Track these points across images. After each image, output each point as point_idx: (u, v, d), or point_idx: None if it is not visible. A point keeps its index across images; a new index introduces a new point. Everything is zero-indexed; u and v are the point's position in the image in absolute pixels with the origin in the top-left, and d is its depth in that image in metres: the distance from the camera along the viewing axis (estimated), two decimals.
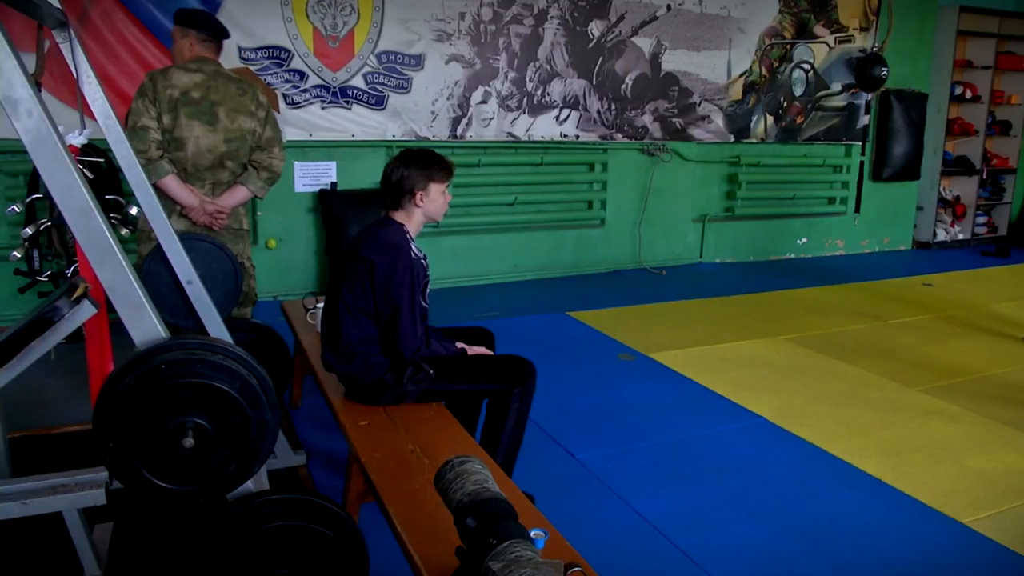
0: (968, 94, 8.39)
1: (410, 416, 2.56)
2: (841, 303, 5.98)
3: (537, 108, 6.15)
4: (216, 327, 2.65)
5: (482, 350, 2.84)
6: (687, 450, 3.39)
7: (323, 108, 5.44)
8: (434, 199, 2.68)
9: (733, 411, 3.82)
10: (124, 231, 2.89)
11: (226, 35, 3.58)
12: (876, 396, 4.08)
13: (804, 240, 7.75)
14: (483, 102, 5.94)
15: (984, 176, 8.77)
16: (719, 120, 6.94)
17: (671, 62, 6.61)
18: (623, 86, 6.46)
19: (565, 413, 3.71)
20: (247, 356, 1.65)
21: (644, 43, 6.47)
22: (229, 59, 5.05)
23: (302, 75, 5.34)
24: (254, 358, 1.67)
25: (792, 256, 7.70)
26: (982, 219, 9.00)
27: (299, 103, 5.36)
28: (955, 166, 8.57)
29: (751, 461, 3.30)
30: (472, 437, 2.62)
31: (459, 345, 2.77)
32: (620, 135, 6.53)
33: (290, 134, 5.33)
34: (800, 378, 4.30)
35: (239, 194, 3.47)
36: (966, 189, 8.75)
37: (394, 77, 5.61)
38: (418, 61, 5.66)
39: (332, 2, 5.34)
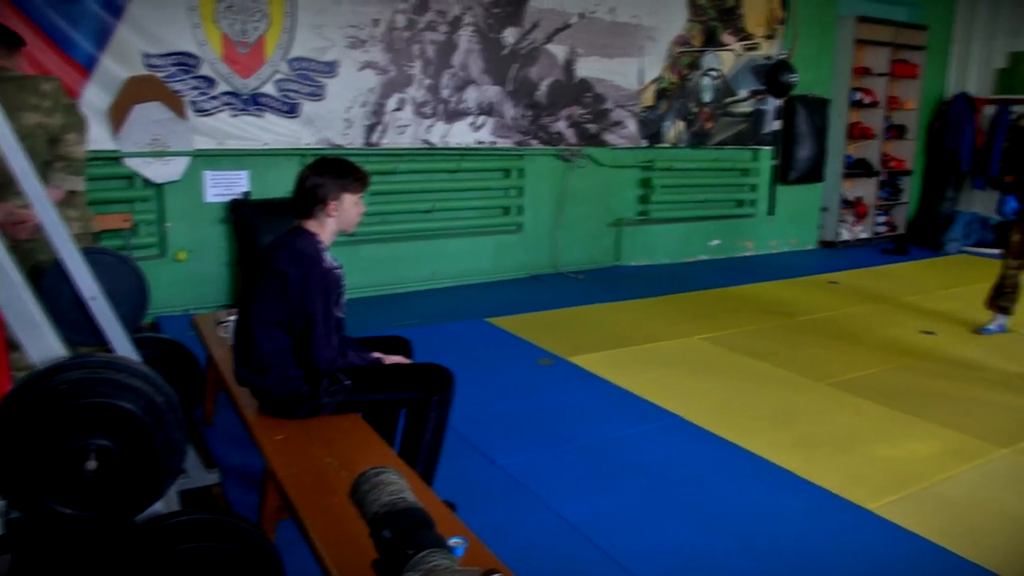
0: (867, 100, 8.77)
1: (327, 429, 2.52)
2: (752, 302, 6.16)
3: (453, 115, 6.15)
4: (122, 344, 2.55)
5: (399, 359, 2.82)
6: (607, 451, 3.43)
7: (234, 116, 5.31)
8: (347, 209, 2.65)
9: (651, 411, 3.88)
10: None
11: (16, 42, 3.28)
12: (787, 391, 4.22)
13: (716, 242, 7.96)
14: (398, 109, 5.90)
15: (883, 178, 9.18)
16: (632, 126, 7.07)
17: (584, 69, 6.70)
18: (538, 92, 6.51)
19: (486, 419, 3.71)
20: (153, 373, 1.60)
21: (558, 50, 6.54)
22: (133, 65, 4.90)
23: (211, 82, 5.20)
24: (161, 375, 1.62)
25: (705, 257, 7.89)
26: (882, 218, 9.42)
27: (208, 110, 5.22)
28: (856, 168, 8.94)
29: (669, 459, 3.37)
30: (391, 447, 2.60)
31: (376, 355, 2.75)
32: (536, 141, 6.58)
33: (199, 142, 5.19)
34: (715, 376, 4.41)
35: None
36: (867, 190, 9.15)
37: (307, 84, 5.52)
38: (331, 68, 5.59)
39: (242, 8, 5.22)
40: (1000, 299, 5.42)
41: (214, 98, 5.23)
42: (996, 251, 8.66)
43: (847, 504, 3.02)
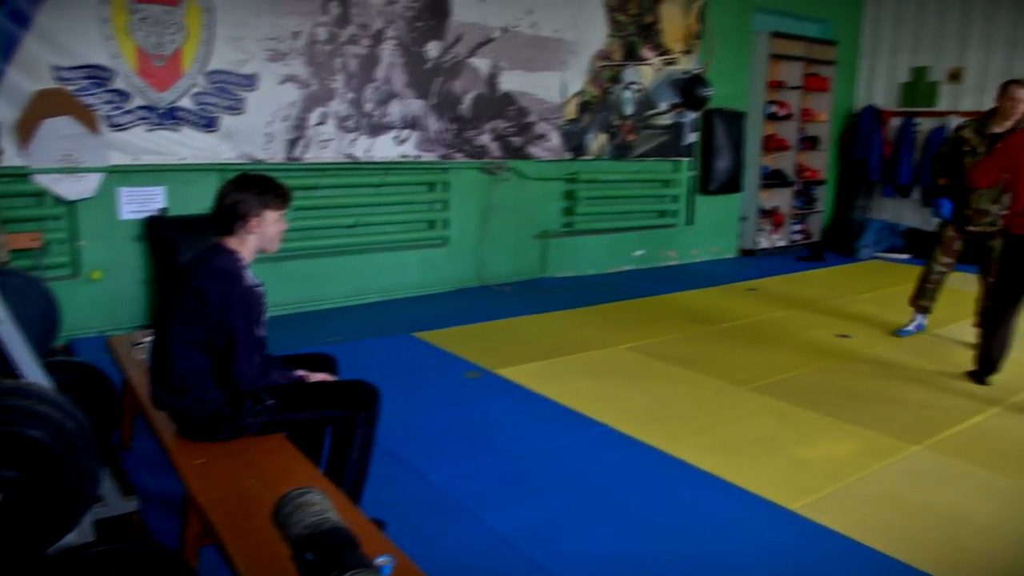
0: (781, 112, 9.07)
1: (250, 450, 2.47)
2: (676, 310, 6.28)
3: (376, 129, 6.11)
4: (31, 370, 2.46)
5: (324, 376, 2.78)
6: (536, 463, 3.45)
7: (149, 130, 5.17)
8: (269, 226, 2.61)
9: (579, 421, 3.92)
10: None
11: None
12: (710, 397, 4.32)
13: (640, 252, 8.10)
14: (321, 123, 5.84)
15: (798, 187, 9.49)
16: (556, 138, 7.15)
17: (508, 82, 6.75)
18: (462, 106, 6.53)
19: (414, 435, 3.69)
20: (63, 399, 1.55)
21: (481, 64, 6.58)
22: (42, 78, 4.73)
23: (125, 95, 5.05)
24: (73, 400, 1.57)
25: (630, 268, 8.02)
26: (798, 227, 9.74)
27: (123, 125, 5.07)
28: (772, 179, 9.23)
29: (598, 468, 3.41)
30: (317, 467, 2.56)
31: (299, 373, 2.71)
32: (460, 154, 6.59)
33: (113, 158, 5.04)
34: (640, 385, 4.48)
35: None
36: (783, 200, 9.45)
37: (226, 97, 5.42)
38: (251, 81, 5.50)
39: (157, 20, 5.09)
40: (922, 298, 5.66)
41: (129, 112, 5.08)
42: (905, 256, 9.09)
43: (770, 505, 3.10)
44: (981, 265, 5.31)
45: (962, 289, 5.83)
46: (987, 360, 4.61)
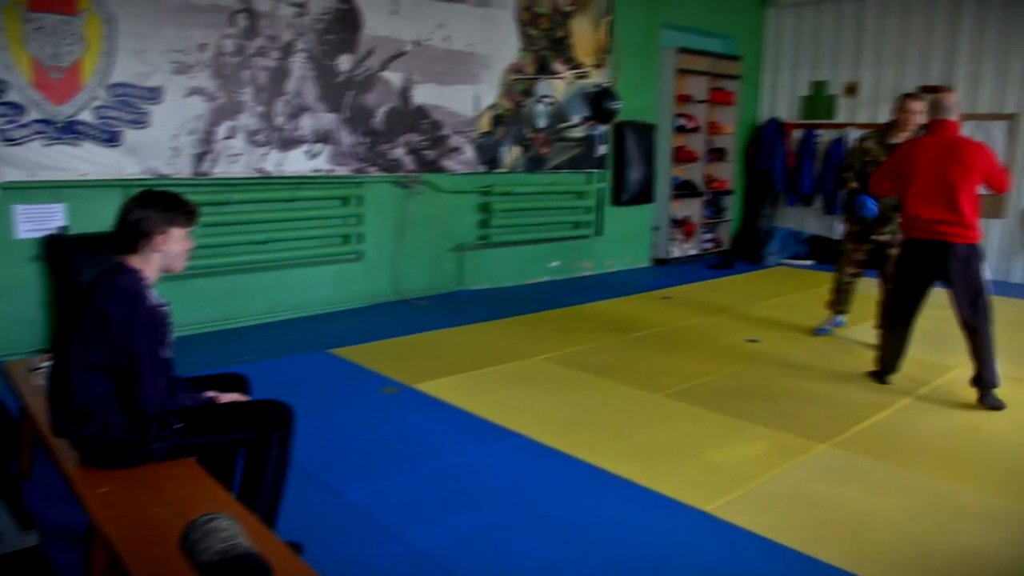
0: (689, 125, 9.32)
1: (158, 476, 2.38)
2: (592, 320, 6.37)
3: (287, 143, 6.01)
4: None
5: (235, 397, 2.71)
6: (456, 476, 3.44)
7: (47, 145, 4.95)
8: (175, 244, 2.53)
9: (498, 433, 3.93)
10: None
11: None
12: (626, 404, 4.39)
13: (556, 263, 8.18)
14: (229, 137, 5.71)
15: (707, 198, 9.76)
16: (470, 151, 7.16)
17: (421, 96, 6.74)
18: (375, 120, 6.49)
19: (331, 453, 3.63)
20: None
21: (394, 77, 6.55)
22: None
23: (20, 108, 4.83)
24: None
25: (546, 279, 8.09)
26: (708, 236, 10.01)
27: (17, 140, 4.84)
28: (682, 189, 9.46)
29: (518, 480, 3.42)
30: (229, 491, 2.49)
31: (209, 394, 2.63)
32: (374, 168, 6.54)
33: (8, 174, 4.80)
34: (558, 394, 4.52)
35: None
36: (693, 210, 9.70)
37: (129, 111, 5.24)
38: (156, 94, 5.33)
39: (53, 30, 4.89)
40: (839, 304, 5.96)
41: (24, 126, 4.86)
42: (809, 262, 9.44)
43: (686, 508, 3.17)
44: (881, 270, 5.59)
45: (867, 293, 6.08)
46: (887, 360, 4.83)
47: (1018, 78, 8.34)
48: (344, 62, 6.24)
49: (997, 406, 4.40)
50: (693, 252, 9.69)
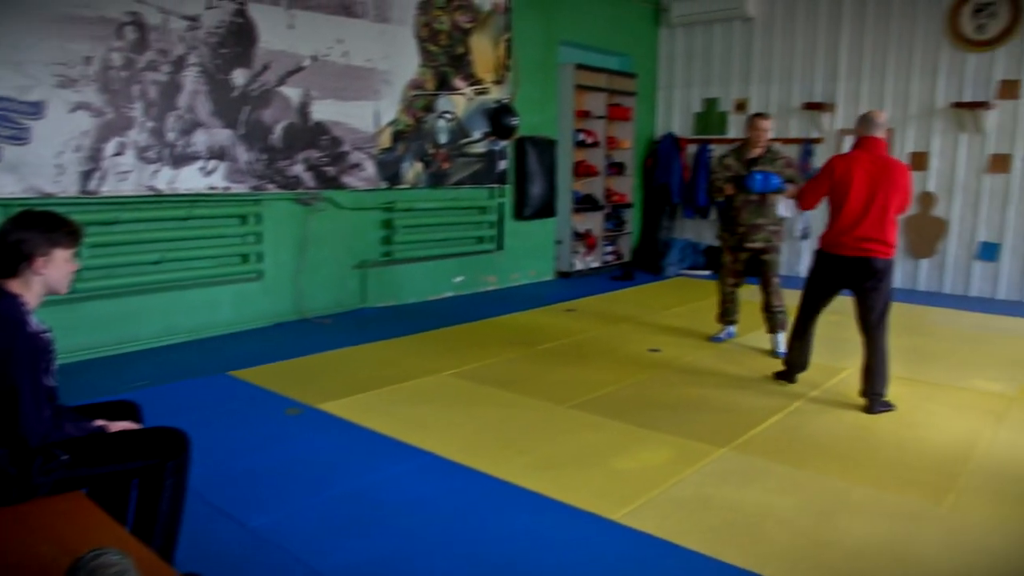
0: (589, 140, 9.50)
1: (43, 512, 2.25)
2: (497, 334, 6.39)
3: (180, 159, 5.82)
4: None
5: (127, 425, 2.59)
6: (363, 498, 3.38)
7: None
8: (58, 267, 2.41)
9: (405, 452, 3.89)
10: None
11: None
12: (533, 417, 4.41)
13: (460, 278, 8.18)
14: (118, 154, 5.48)
15: (608, 211, 9.96)
16: (371, 168, 7.10)
17: (320, 112, 6.65)
18: (272, 136, 6.36)
19: (232, 479, 3.51)
20: None
21: (292, 92, 6.44)
22: None
23: None
24: None
25: (451, 294, 8.08)
26: (610, 248, 10.21)
27: None
28: (584, 203, 9.63)
29: (426, 498, 3.39)
30: (123, 525, 2.38)
31: (98, 423, 2.51)
32: (272, 185, 6.40)
33: None
34: (465, 410, 4.51)
35: None
36: (594, 223, 9.88)
37: (8, 127, 4.97)
38: (37, 109, 5.08)
39: None
40: (726, 316, 6.20)
41: None
42: (706, 272, 9.74)
43: (594, 517, 3.21)
44: (761, 277, 5.90)
45: (752, 300, 6.32)
46: (795, 362, 5.04)
47: (892, 96, 8.86)
48: (239, 77, 6.10)
49: (886, 409, 4.60)
50: (595, 264, 9.86)
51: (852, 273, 4.58)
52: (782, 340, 5.69)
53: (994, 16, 8.18)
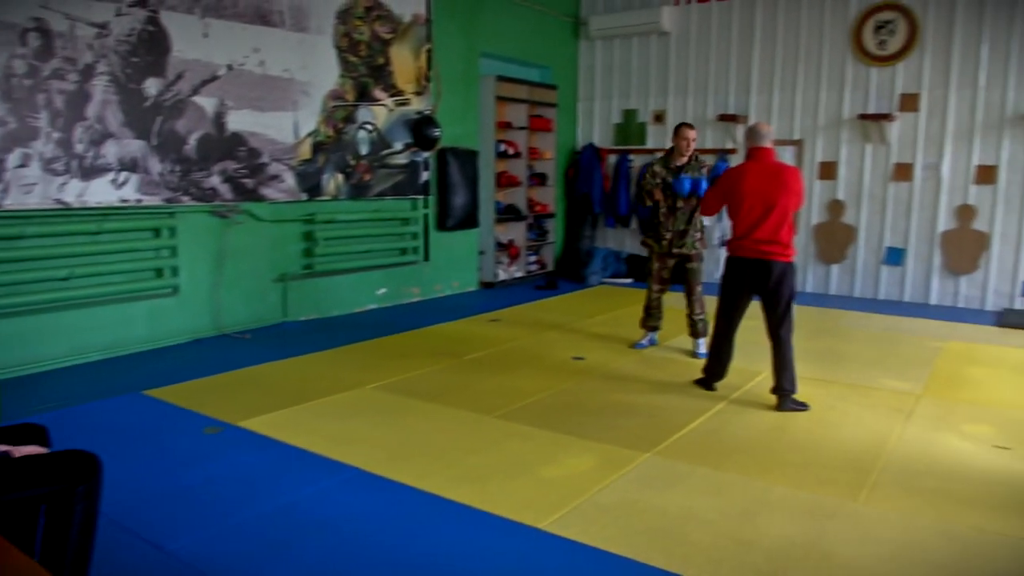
0: (510, 151, 9.56)
1: None
2: (422, 346, 6.35)
3: (90, 171, 5.61)
4: None
5: (32, 450, 2.47)
6: (286, 516, 3.31)
7: None
8: None
9: (329, 467, 3.82)
10: None
11: None
12: (458, 428, 4.40)
13: (383, 290, 8.11)
14: (22, 165, 5.26)
15: (530, 221, 10.03)
16: (290, 179, 6.99)
17: (237, 122, 6.51)
18: (187, 147, 6.19)
19: (148, 503, 3.39)
20: None
21: (207, 102, 6.29)
22: None
23: None
24: None
25: (374, 307, 8.00)
26: (533, 258, 10.29)
27: None
28: (506, 214, 9.67)
29: (351, 514, 3.33)
30: (30, 555, 2.26)
31: (1, 448, 2.39)
32: (187, 198, 6.23)
33: None
34: (390, 423, 4.47)
35: None
36: (517, 233, 9.94)
37: None
38: None
39: None
40: (649, 320, 6.36)
41: None
42: (628, 280, 9.89)
43: (521, 527, 3.21)
44: (684, 285, 6.13)
45: (677, 307, 6.46)
46: (714, 369, 5.18)
47: (802, 108, 9.20)
48: (151, 86, 5.93)
49: (799, 408, 4.78)
50: (519, 274, 9.91)
51: (754, 275, 4.83)
52: (703, 343, 5.99)
53: (893, 33, 8.58)
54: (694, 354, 6.06)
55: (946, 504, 3.50)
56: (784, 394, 4.82)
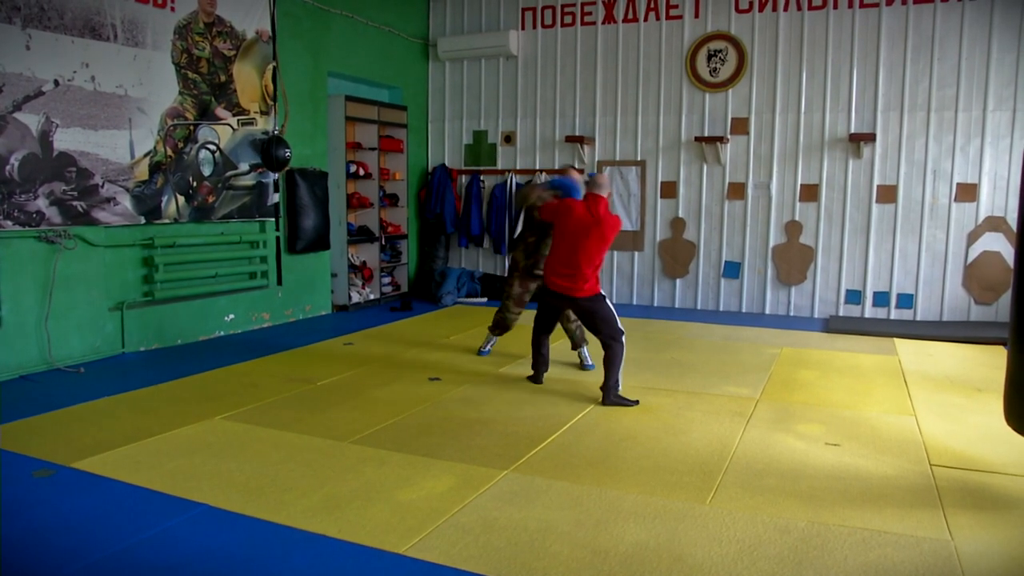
0: (361, 171, 9.45)
1: None
2: (273, 373, 6.15)
3: None
4: None
5: None
6: (129, 560, 3.10)
7: None
8: None
9: (174, 505, 3.62)
10: None
11: None
12: (313, 456, 4.28)
13: (231, 316, 7.80)
14: None
15: (383, 242, 9.95)
16: (126, 202, 6.61)
17: (65, 141, 6.10)
18: (8, 168, 5.74)
19: None
20: None
21: (30, 120, 5.86)
22: None
23: None
24: None
25: (222, 334, 7.68)
26: (387, 280, 10.19)
27: None
28: (359, 235, 9.54)
29: (199, 553, 3.17)
30: None
31: None
32: (10, 222, 5.77)
33: None
34: (240, 455, 4.29)
35: None
36: (370, 255, 9.83)
37: None
38: None
39: None
40: (497, 328, 6.69)
41: None
42: (483, 300, 9.98)
43: (380, 553, 3.16)
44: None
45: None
46: (537, 368, 5.92)
47: (643, 130, 9.65)
48: None
49: (625, 403, 5.26)
50: (373, 296, 9.80)
51: (561, 301, 5.56)
52: (587, 354, 6.37)
53: (724, 61, 9.17)
54: (582, 365, 6.38)
55: (785, 500, 3.73)
56: (608, 389, 5.31)
